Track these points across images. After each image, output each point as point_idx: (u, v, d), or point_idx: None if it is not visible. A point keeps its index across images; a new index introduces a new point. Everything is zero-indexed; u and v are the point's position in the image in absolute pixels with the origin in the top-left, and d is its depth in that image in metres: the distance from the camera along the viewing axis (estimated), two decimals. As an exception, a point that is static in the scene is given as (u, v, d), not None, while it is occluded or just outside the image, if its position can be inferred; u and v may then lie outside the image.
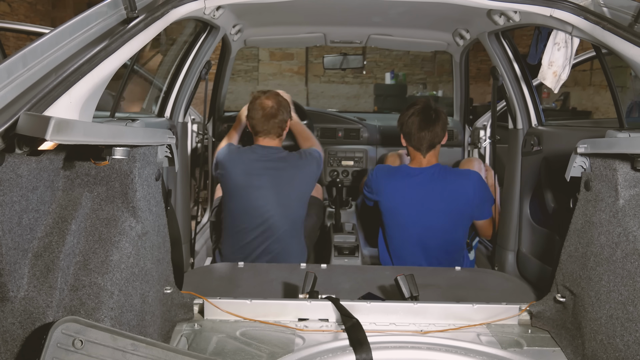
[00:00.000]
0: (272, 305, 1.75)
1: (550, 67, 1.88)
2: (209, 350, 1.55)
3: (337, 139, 3.56)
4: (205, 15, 2.01)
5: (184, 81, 2.31)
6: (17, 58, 1.11)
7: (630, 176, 1.45)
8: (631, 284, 1.38)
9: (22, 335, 1.19)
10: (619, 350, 1.39)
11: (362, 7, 2.38)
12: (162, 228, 1.64)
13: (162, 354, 1.21)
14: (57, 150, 1.27)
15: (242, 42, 2.97)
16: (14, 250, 1.17)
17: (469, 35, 2.67)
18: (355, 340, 1.51)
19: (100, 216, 1.39)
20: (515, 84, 2.43)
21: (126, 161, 1.41)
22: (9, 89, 1.07)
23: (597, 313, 1.48)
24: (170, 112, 2.28)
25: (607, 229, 1.49)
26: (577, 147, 1.57)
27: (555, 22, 1.78)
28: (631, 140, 1.40)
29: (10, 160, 1.11)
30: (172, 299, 1.69)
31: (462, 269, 2.31)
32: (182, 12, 1.65)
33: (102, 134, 1.12)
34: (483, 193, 2.47)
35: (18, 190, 1.15)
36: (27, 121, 0.98)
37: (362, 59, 3.95)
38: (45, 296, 1.21)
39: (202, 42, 2.32)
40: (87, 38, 1.31)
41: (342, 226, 2.89)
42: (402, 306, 1.75)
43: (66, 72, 1.17)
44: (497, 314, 1.76)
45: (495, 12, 2.11)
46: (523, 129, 2.46)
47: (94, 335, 1.16)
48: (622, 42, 1.53)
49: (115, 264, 1.33)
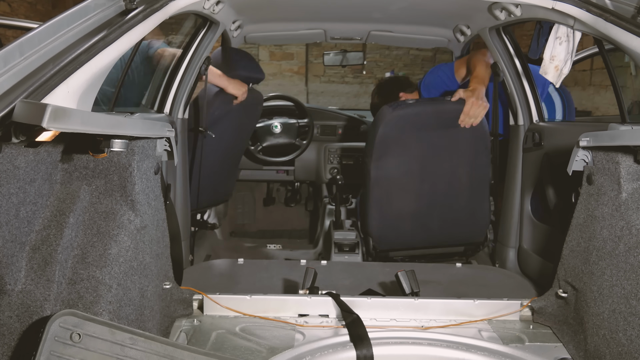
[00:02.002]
0: (272, 301, 1.74)
1: (552, 61, 1.86)
2: (208, 346, 1.54)
3: (337, 136, 3.55)
4: (205, 9, 2.00)
5: (183, 77, 2.30)
6: (14, 47, 1.10)
7: (633, 169, 1.43)
8: (634, 278, 1.36)
9: (20, 329, 1.18)
10: (621, 344, 1.38)
11: (362, 3, 2.38)
12: (161, 222, 1.63)
13: (160, 348, 1.20)
14: (55, 142, 1.26)
15: (242, 39, 2.96)
16: (11, 243, 1.16)
17: (469, 31, 2.66)
18: (356, 336, 1.50)
19: (99, 209, 1.37)
20: (516, 80, 2.42)
21: (125, 154, 1.40)
22: (5, 77, 1.06)
23: (600, 308, 1.47)
24: (170, 108, 2.26)
25: (610, 222, 1.48)
26: (580, 141, 1.56)
27: (557, 15, 1.77)
28: (634, 132, 1.39)
29: (8, 152, 1.10)
30: (171, 294, 1.67)
31: (463, 265, 2.30)
32: (181, 5, 1.64)
33: (100, 124, 1.11)
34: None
35: (15, 183, 1.14)
36: (23, 109, 0.97)
37: (362, 56, 3.94)
38: (43, 289, 1.20)
39: (201, 37, 2.31)
40: (85, 29, 1.30)
41: (342, 223, 2.88)
42: (402, 302, 1.74)
43: (63, 62, 1.16)
44: (498, 310, 1.75)
45: (497, 7, 2.10)
46: (524, 125, 2.45)
47: (91, 329, 1.15)
48: (625, 34, 1.52)
49: (113, 257, 1.32)
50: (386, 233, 2.47)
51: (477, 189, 2.42)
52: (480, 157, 2.38)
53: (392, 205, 2.42)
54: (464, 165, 2.37)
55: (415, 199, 2.41)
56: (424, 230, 2.46)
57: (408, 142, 2.32)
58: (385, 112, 2.32)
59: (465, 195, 2.41)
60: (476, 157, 2.37)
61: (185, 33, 2.52)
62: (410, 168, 2.36)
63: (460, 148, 2.35)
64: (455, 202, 2.42)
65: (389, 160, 2.34)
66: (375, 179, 2.36)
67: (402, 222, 2.45)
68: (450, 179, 2.39)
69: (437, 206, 2.42)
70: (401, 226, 2.46)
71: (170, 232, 1.73)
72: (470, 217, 2.46)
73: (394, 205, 2.42)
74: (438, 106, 2.33)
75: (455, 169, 2.37)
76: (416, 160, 2.36)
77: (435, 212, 2.43)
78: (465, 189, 2.40)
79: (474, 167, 2.38)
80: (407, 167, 2.36)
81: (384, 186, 2.38)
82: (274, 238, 3.64)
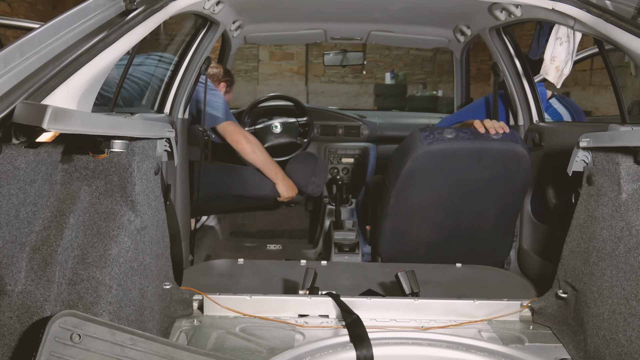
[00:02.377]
0: (272, 301, 1.74)
1: (553, 62, 1.87)
2: (208, 346, 1.54)
3: (337, 136, 3.55)
4: (205, 9, 2.00)
5: (183, 77, 2.30)
6: (14, 48, 1.10)
7: (633, 170, 1.44)
8: (634, 279, 1.36)
9: (20, 330, 1.18)
10: (621, 345, 1.38)
11: (362, 3, 2.38)
12: (161, 223, 1.63)
13: (160, 349, 1.20)
14: (55, 143, 1.26)
15: (242, 39, 2.96)
16: (11, 243, 1.16)
17: (469, 32, 2.66)
18: (356, 337, 1.50)
19: (99, 210, 1.38)
20: (516, 80, 2.42)
21: (125, 154, 1.40)
22: (6, 78, 1.06)
23: (600, 308, 1.47)
24: (170, 108, 2.26)
25: (610, 223, 1.48)
26: (580, 141, 1.56)
27: (557, 15, 1.77)
28: (634, 133, 1.39)
29: (8, 152, 1.10)
30: (171, 295, 1.67)
31: (463, 266, 2.29)
32: (181, 5, 1.64)
33: (100, 125, 1.11)
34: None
35: (15, 183, 1.14)
36: (23, 110, 0.97)
37: (362, 56, 3.94)
38: (43, 290, 1.20)
39: (201, 37, 2.30)
40: (85, 29, 1.30)
41: (342, 223, 2.88)
42: (402, 302, 1.74)
43: (64, 63, 1.16)
44: (498, 310, 1.75)
45: (497, 7, 2.10)
46: (524, 125, 2.45)
47: (92, 330, 1.15)
48: (625, 35, 1.52)
49: (113, 258, 1.32)
50: (397, 256, 2.33)
51: (504, 226, 2.27)
52: (515, 198, 2.20)
53: (409, 233, 2.27)
54: (495, 205, 2.18)
55: (434, 230, 2.25)
56: (439, 258, 2.30)
57: (438, 177, 2.11)
58: (417, 142, 2.05)
59: (490, 231, 2.26)
60: (511, 197, 2.19)
61: (186, 33, 2.52)
62: (436, 202, 2.18)
63: (495, 188, 2.13)
64: (477, 236, 2.27)
65: (412, 192, 2.14)
66: (395, 208, 2.18)
67: (417, 249, 2.32)
68: (477, 216, 2.22)
69: (457, 239, 2.28)
70: (415, 252, 2.32)
71: (171, 233, 1.73)
72: (490, 251, 2.33)
73: (411, 233, 2.27)
74: (479, 144, 2.04)
75: (486, 207, 2.19)
76: (443, 195, 2.17)
77: (454, 243, 2.29)
78: (490, 226, 2.24)
79: (506, 206, 2.20)
80: (432, 201, 2.18)
81: (403, 215, 2.21)
82: (274, 238, 3.63)
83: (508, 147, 2.03)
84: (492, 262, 2.35)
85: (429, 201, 2.17)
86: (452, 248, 2.31)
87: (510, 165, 2.06)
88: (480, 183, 2.10)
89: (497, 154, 2.04)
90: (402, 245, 2.31)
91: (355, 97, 11.83)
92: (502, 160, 2.05)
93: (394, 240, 2.29)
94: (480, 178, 2.09)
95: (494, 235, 2.27)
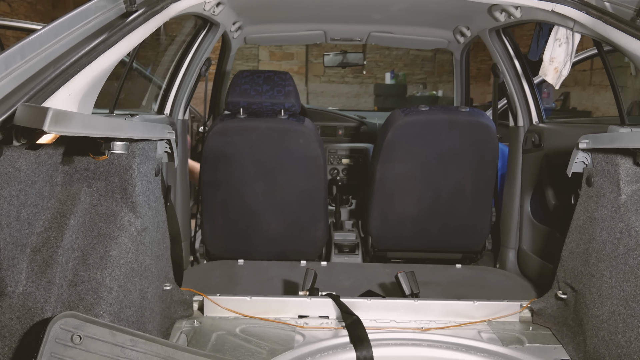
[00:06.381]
0: (272, 302, 1.74)
1: (552, 63, 1.87)
2: (208, 347, 1.55)
3: (338, 136, 3.55)
4: (205, 11, 2.01)
5: (183, 78, 2.30)
6: (15, 50, 1.10)
7: (632, 171, 1.44)
8: (633, 280, 1.37)
9: (21, 331, 1.18)
10: (621, 346, 1.38)
11: (362, 4, 2.38)
12: (161, 224, 1.63)
13: (161, 350, 1.20)
14: (55, 144, 1.27)
15: (242, 40, 2.96)
16: (12, 245, 1.16)
17: (469, 33, 2.67)
18: (356, 337, 1.51)
19: (99, 211, 1.38)
20: (516, 81, 2.42)
21: (125, 156, 1.40)
22: (7, 81, 1.06)
23: (599, 309, 1.47)
24: (170, 109, 2.27)
25: (609, 224, 1.48)
26: (579, 143, 1.57)
27: (557, 17, 1.77)
28: (633, 135, 1.39)
29: (9, 154, 1.10)
30: (171, 296, 1.68)
31: (462, 267, 2.30)
32: (181, 7, 1.64)
33: (100, 127, 1.11)
34: None
35: (16, 185, 1.14)
36: (24, 112, 0.97)
37: (362, 56, 3.94)
38: (44, 291, 1.21)
39: (202, 39, 2.31)
40: (85, 31, 1.30)
41: (342, 224, 2.88)
42: (402, 303, 1.74)
43: (64, 65, 1.16)
44: (498, 311, 1.76)
45: (496, 9, 2.10)
46: (524, 126, 2.46)
47: (92, 331, 1.15)
48: (624, 37, 1.52)
49: (114, 259, 1.33)
50: (386, 234, 2.47)
51: (480, 201, 2.41)
52: (487, 170, 2.37)
53: (394, 207, 2.43)
54: (469, 177, 2.37)
55: (417, 204, 2.42)
56: (423, 234, 2.47)
57: (416, 148, 2.33)
58: (396, 116, 2.33)
59: (468, 206, 2.41)
60: (483, 169, 2.36)
61: (186, 34, 2.53)
62: (416, 173, 2.37)
63: (467, 159, 2.34)
64: (456, 211, 2.42)
65: (395, 164, 2.35)
66: (380, 180, 2.37)
67: (403, 225, 2.46)
68: (454, 188, 2.38)
69: (439, 213, 2.42)
70: (401, 229, 2.46)
71: (171, 234, 1.73)
72: (471, 227, 2.47)
73: (396, 208, 2.43)
74: (450, 115, 2.31)
75: (461, 179, 2.37)
76: (422, 166, 2.36)
77: (436, 218, 2.44)
78: (468, 200, 2.40)
79: (480, 179, 2.38)
80: (412, 172, 2.37)
81: (388, 188, 2.39)
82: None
83: (474, 118, 2.31)
84: (473, 241, 2.51)
85: (410, 172, 2.38)
86: (434, 224, 2.46)
87: (479, 135, 2.31)
88: (453, 152, 2.34)
89: (465, 125, 2.31)
90: (389, 222, 2.48)
91: (355, 97, 11.81)
92: (470, 130, 2.31)
93: (382, 216, 2.46)
94: (453, 147, 2.33)
95: (471, 211, 2.45)
